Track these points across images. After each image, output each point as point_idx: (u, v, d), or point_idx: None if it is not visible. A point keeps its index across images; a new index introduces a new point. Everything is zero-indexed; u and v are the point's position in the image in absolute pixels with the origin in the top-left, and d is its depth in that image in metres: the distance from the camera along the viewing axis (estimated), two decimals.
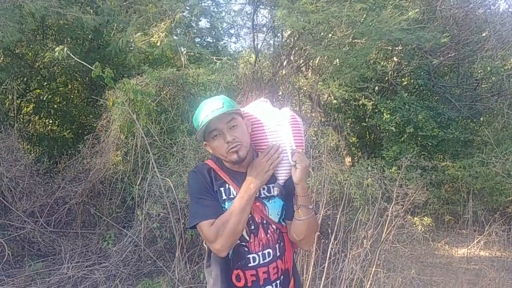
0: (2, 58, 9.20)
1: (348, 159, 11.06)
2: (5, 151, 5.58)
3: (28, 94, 10.07)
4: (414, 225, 6.25)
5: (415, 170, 6.32)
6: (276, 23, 5.79)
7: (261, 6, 7.27)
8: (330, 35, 6.13)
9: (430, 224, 6.93)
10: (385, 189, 5.18)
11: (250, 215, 2.08)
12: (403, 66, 9.71)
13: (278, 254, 2.13)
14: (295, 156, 2.04)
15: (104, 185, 6.13)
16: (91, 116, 9.64)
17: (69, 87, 10.84)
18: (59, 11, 6.42)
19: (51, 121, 10.60)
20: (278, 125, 2.11)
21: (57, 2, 6.64)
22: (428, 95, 9.64)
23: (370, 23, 5.52)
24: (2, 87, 7.87)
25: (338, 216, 4.26)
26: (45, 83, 10.07)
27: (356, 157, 11.18)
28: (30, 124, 10.50)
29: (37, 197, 5.63)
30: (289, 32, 7.57)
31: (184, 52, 6.13)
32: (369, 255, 4.50)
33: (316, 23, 5.09)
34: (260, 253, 2.09)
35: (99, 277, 5.05)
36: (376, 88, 10.01)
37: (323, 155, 5.12)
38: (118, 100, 5.00)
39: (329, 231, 4.22)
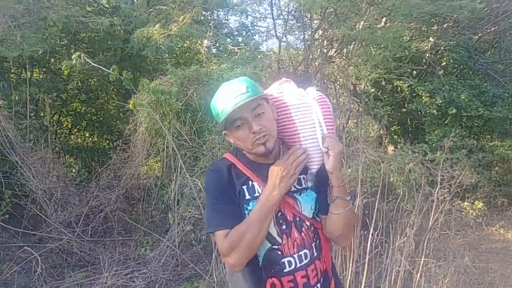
0: (38, 74, 9.34)
1: (390, 148, 10.72)
2: (40, 163, 5.59)
3: (66, 108, 10.21)
4: (464, 210, 5.88)
5: (460, 151, 5.98)
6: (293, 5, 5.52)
7: None
8: (354, 15, 5.81)
9: (482, 208, 6.51)
10: (429, 173, 4.86)
11: (280, 213, 1.84)
12: (440, 46, 9.29)
13: (315, 254, 1.88)
14: (326, 141, 1.79)
15: (138, 190, 6.07)
16: (125, 123, 9.70)
17: (105, 97, 10.93)
18: (81, 20, 6.41)
19: (89, 133, 10.74)
20: (306, 107, 1.86)
21: (79, 11, 6.66)
22: (470, 74, 9.16)
23: None
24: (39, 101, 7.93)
25: (376, 205, 3.98)
26: (81, 96, 10.17)
27: (398, 145, 10.80)
28: (71, 137, 10.68)
29: (72, 207, 5.61)
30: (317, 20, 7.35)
31: (205, 45, 5.96)
32: (415, 245, 4.20)
33: (336, 1, 4.81)
34: (295, 256, 1.84)
35: (139, 284, 4.95)
36: (414, 72, 9.66)
37: (361, 143, 4.85)
38: (142, 102, 4.91)
39: (367, 222, 3.94)
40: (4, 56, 5.92)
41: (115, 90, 10.34)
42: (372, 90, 10.19)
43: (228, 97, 1.76)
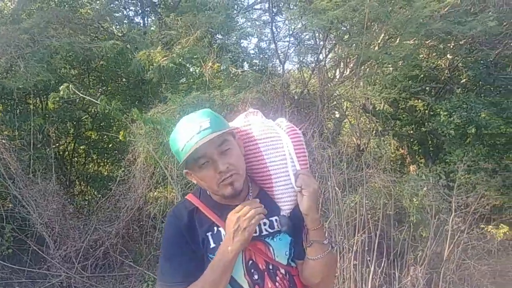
0: (52, 104, 9.37)
1: (412, 168, 10.38)
2: (40, 196, 5.44)
3: (80, 136, 10.16)
4: (488, 234, 5.51)
5: (483, 173, 5.67)
6: (292, 27, 5.37)
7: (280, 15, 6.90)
8: (358, 34, 5.61)
9: (507, 233, 6.10)
10: (444, 199, 4.54)
11: (251, 261, 1.62)
12: (458, 62, 8.99)
13: None
14: (299, 179, 1.59)
15: (141, 223, 5.87)
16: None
17: (118, 125, 10.87)
18: (86, 46, 6.35)
19: (103, 161, 10.65)
20: (276, 141, 1.67)
21: (85, 38, 6.64)
22: (490, 90, 8.81)
23: (403, 14, 4.97)
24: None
25: (374, 237, 3.70)
26: (95, 124, 10.13)
27: (421, 165, 10.44)
28: (87, 166, 10.61)
29: (72, 241, 5.41)
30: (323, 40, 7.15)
31: (209, 67, 5.79)
32: (430, 277, 3.88)
33: (334, 19, 4.61)
34: None
35: None
36: (433, 91, 9.37)
37: (364, 168, 4.58)
38: (140, 131, 4.76)
39: (370, 255, 3.63)
40: (8, 87, 5.87)
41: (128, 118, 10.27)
42: (391, 109, 9.90)
43: (189, 132, 1.56)
